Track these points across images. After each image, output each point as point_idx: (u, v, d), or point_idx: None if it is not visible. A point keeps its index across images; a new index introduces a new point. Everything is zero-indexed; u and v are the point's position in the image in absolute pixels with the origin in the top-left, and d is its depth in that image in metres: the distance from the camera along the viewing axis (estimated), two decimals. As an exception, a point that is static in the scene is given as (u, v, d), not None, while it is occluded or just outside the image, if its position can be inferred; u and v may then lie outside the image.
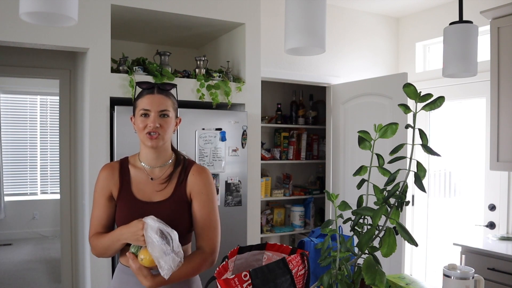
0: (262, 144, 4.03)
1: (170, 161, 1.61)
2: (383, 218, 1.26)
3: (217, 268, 1.29)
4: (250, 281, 1.17)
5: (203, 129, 2.87)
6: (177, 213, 1.54)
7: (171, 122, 1.57)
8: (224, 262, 1.34)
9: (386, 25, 4.25)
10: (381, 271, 1.23)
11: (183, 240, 1.54)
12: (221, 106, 3.09)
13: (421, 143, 1.24)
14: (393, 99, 3.41)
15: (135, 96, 1.61)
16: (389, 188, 1.28)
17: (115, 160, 2.61)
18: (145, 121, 1.52)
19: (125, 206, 1.55)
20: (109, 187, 1.57)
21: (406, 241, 1.21)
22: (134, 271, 1.40)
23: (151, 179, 1.57)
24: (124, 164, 1.61)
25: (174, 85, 1.63)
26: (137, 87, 1.63)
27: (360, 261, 1.30)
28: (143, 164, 1.59)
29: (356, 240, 1.30)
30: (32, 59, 3.74)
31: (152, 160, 1.58)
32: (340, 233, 1.35)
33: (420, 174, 1.24)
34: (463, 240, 2.99)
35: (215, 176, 2.92)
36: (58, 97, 4.01)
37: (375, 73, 4.12)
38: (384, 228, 1.25)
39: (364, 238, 1.25)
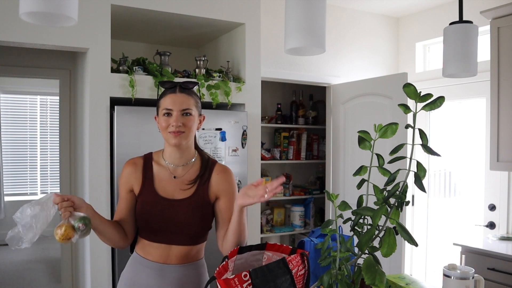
0: (262, 144, 4.03)
1: (193, 159, 1.64)
2: (383, 218, 1.26)
3: (217, 268, 1.29)
4: (250, 281, 1.17)
5: (203, 129, 2.87)
6: (197, 212, 1.57)
7: (194, 120, 1.58)
8: (224, 262, 1.34)
9: (386, 25, 4.25)
10: (381, 271, 1.23)
11: (199, 239, 1.61)
12: (221, 106, 3.09)
13: (421, 143, 1.24)
14: (393, 99, 3.41)
15: (158, 96, 1.62)
16: (389, 188, 1.28)
17: (115, 159, 2.62)
18: (168, 120, 1.54)
19: (146, 202, 1.57)
20: (130, 182, 1.60)
21: (406, 241, 1.21)
22: None
23: (174, 177, 1.60)
24: (147, 160, 1.63)
25: (197, 83, 1.67)
26: (159, 87, 1.65)
27: (360, 261, 1.30)
28: (167, 162, 1.61)
29: (356, 240, 1.30)
30: (32, 59, 3.74)
31: (176, 158, 1.60)
32: (340, 233, 1.35)
33: (420, 174, 1.24)
34: (463, 240, 2.99)
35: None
36: (58, 97, 4.01)
37: (375, 73, 4.12)
38: (384, 228, 1.25)
39: (364, 238, 1.25)
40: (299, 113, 4.29)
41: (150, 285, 1.56)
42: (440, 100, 1.23)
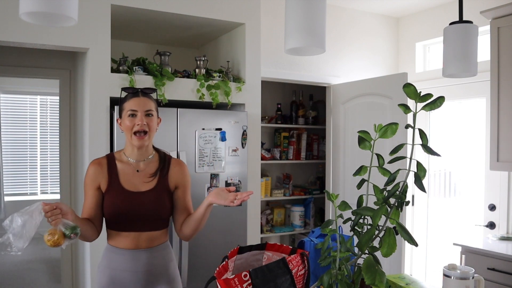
0: (262, 144, 4.03)
1: (151, 156, 1.83)
2: (383, 218, 1.26)
3: (217, 268, 1.29)
4: (250, 281, 1.17)
5: (203, 129, 2.87)
6: (161, 201, 1.77)
7: (155, 120, 1.79)
8: (224, 262, 1.34)
9: (386, 25, 4.25)
10: (381, 271, 1.23)
11: (164, 224, 1.81)
12: (221, 106, 3.09)
13: (421, 143, 1.24)
14: (393, 99, 3.41)
15: (120, 100, 1.80)
16: (389, 188, 1.28)
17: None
18: (133, 121, 1.72)
19: (114, 196, 1.73)
20: (97, 180, 1.75)
21: (406, 241, 1.21)
22: None
23: (137, 171, 1.78)
24: (111, 159, 1.79)
25: (155, 89, 1.87)
26: (122, 91, 1.84)
27: (360, 261, 1.30)
28: (129, 159, 1.79)
29: (356, 240, 1.30)
30: (32, 59, 3.74)
31: (138, 155, 1.79)
32: (340, 233, 1.35)
33: (420, 174, 1.24)
34: (463, 240, 2.99)
35: (215, 176, 2.92)
36: (58, 97, 4.01)
37: (375, 73, 4.12)
38: (384, 228, 1.25)
39: (364, 238, 1.25)
40: (299, 113, 4.29)
41: (125, 269, 1.73)
42: (440, 100, 1.23)
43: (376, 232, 1.26)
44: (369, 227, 1.28)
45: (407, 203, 1.28)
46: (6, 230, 1.45)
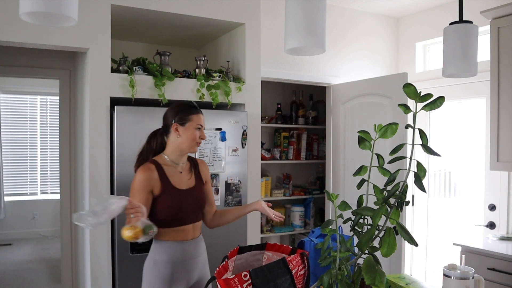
0: (262, 144, 4.03)
1: (187, 158, 2.10)
2: (383, 218, 1.26)
3: (217, 268, 1.29)
4: (250, 281, 1.17)
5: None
6: (202, 194, 2.08)
7: None
8: (224, 262, 1.34)
9: (386, 25, 4.25)
10: (381, 271, 1.23)
11: (202, 212, 2.12)
12: (221, 106, 3.09)
13: (421, 143, 1.24)
14: (393, 99, 3.41)
15: (183, 111, 1.99)
16: (389, 188, 1.28)
17: (115, 159, 2.62)
18: (198, 134, 2.00)
19: (171, 196, 1.93)
20: (150, 184, 1.90)
21: (406, 241, 1.21)
22: None
23: (180, 172, 2.01)
24: (157, 164, 1.96)
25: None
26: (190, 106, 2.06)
27: (360, 261, 1.30)
28: (175, 163, 2.01)
29: (356, 240, 1.30)
30: (32, 59, 3.74)
31: (182, 159, 2.04)
32: (340, 233, 1.35)
33: (420, 174, 1.24)
34: (463, 240, 2.99)
35: (215, 176, 2.92)
36: (58, 97, 4.01)
37: (375, 73, 4.12)
38: (384, 228, 1.25)
39: (364, 238, 1.25)
40: (299, 113, 4.29)
41: (189, 257, 1.97)
42: (440, 100, 1.23)
43: (376, 232, 1.26)
44: (369, 227, 1.28)
45: (407, 203, 1.28)
46: (92, 205, 1.66)
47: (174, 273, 1.92)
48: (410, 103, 1.25)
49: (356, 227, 1.32)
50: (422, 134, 1.25)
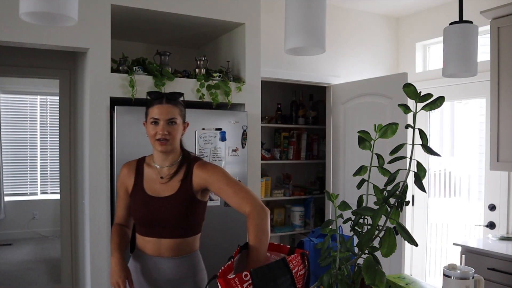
0: (262, 144, 4.03)
1: (179, 160, 1.78)
2: (383, 218, 1.26)
3: (222, 268, 1.29)
4: (250, 281, 1.17)
5: (203, 129, 2.87)
6: (184, 206, 1.71)
7: (179, 128, 1.75)
8: (229, 262, 1.33)
9: (386, 25, 4.25)
10: (381, 271, 1.23)
11: (188, 232, 1.75)
12: (221, 106, 3.09)
13: (421, 143, 1.24)
14: (393, 99, 3.41)
15: (146, 104, 1.77)
16: (389, 188, 1.28)
17: (115, 159, 2.62)
18: (155, 129, 1.70)
19: (137, 200, 1.76)
20: (125, 182, 1.80)
21: (406, 241, 1.21)
22: None
23: (161, 177, 1.75)
24: (140, 163, 1.82)
25: (182, 94, 1.81)
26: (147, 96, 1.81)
27: (360, 261, 1.30)
28: (155, 164, 1.78)
29: (356, 240, 1.30)
30: (32, 59, 3.74)
31: (162, 160, 1.77)
32: (340, 233, 1.35)
33: (420, 174, 1.24)
34: (463, 240, 2.99)
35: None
36: (58, 97, 4.01)
37: (375, 73, 4.12)
38: (384, 228, 1.25)
39: (364, 238, 1.25)
40: (299, 113, 4.29)
41: (146, 274, 1.75)
42: (440, 100, 1.23)
43: (376, 232, 1.26)
44: (369, 227, 1.28)
45: (407, 203, 1.28)
46: None
47: (141, 285, 1.76)
48: (410, 103, 1.25)
49: (356, 227, 1.32)
50: (422, 134, 1.25)
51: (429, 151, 1.25)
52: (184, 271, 1.73)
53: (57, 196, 4.75)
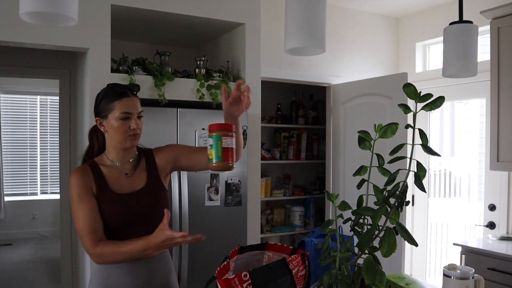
0: (262, 144, 4.03)
1: (136, 153, 1.72)
2: (383, 218, 1.26)
3: (218, 268, 1.29)
4: (250, 281, 1.17)
5: (203, 129, 2.87)
6: (157, 195, 1.66)
7: (143, 122, 1.67)
8: (225, 262, 1.33)
9: (386, 25, 4.25)
10: (381, 271, 1.23)
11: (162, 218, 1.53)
12: (221, 106, 3.08)
13: (421, 143, 1.24)
14: (393, 99, 3.41)
15: (104, 98, 1.60)
16: (389, 188, 1.28)
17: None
18: (127, 124, 1.58)
19: (108, 202, 1.58)
20: (89, 184, 1.57)
21: (406, 241, 1.21)
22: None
23: (126, 174, 1.65)
24: (93, 166, 1.63)
25: (139, 86, 1.70)
26: (110, 89, 1.62)
27: (360, 261, 1.30)
28: (115, 162, 1.65)
29: (356, 240, 1.30)
30: (32, 59, 3.74)
31: (123, 157, 1.66)
32: (340, 233, 1.35)
33: (420, 174, 1.24)
34: (463, 240, 2.99)
35: (215, 175, 2.92)
36: (58, 97, 4.01)
37: (375, 73, 4.12)
38: (384, 228, 1.25)
39: (364, 238, 1.25)
40: (299, 113, 4.29)
41: (123, 283, 1.58)
42: (440, 100, 1.23)
43: (376, 232, 1.26)
44: (369, 227, 1.28)
45: (407, 203, 1.28)
46: None
47: None
48: (410, 103, 1.25)
49: (356, 227, 1.32)
50: (422, 134, 1.25)
51: (429, 151, 1.25)
52: (159, 272, 1.65)
53: (57, 196, 4.75)
